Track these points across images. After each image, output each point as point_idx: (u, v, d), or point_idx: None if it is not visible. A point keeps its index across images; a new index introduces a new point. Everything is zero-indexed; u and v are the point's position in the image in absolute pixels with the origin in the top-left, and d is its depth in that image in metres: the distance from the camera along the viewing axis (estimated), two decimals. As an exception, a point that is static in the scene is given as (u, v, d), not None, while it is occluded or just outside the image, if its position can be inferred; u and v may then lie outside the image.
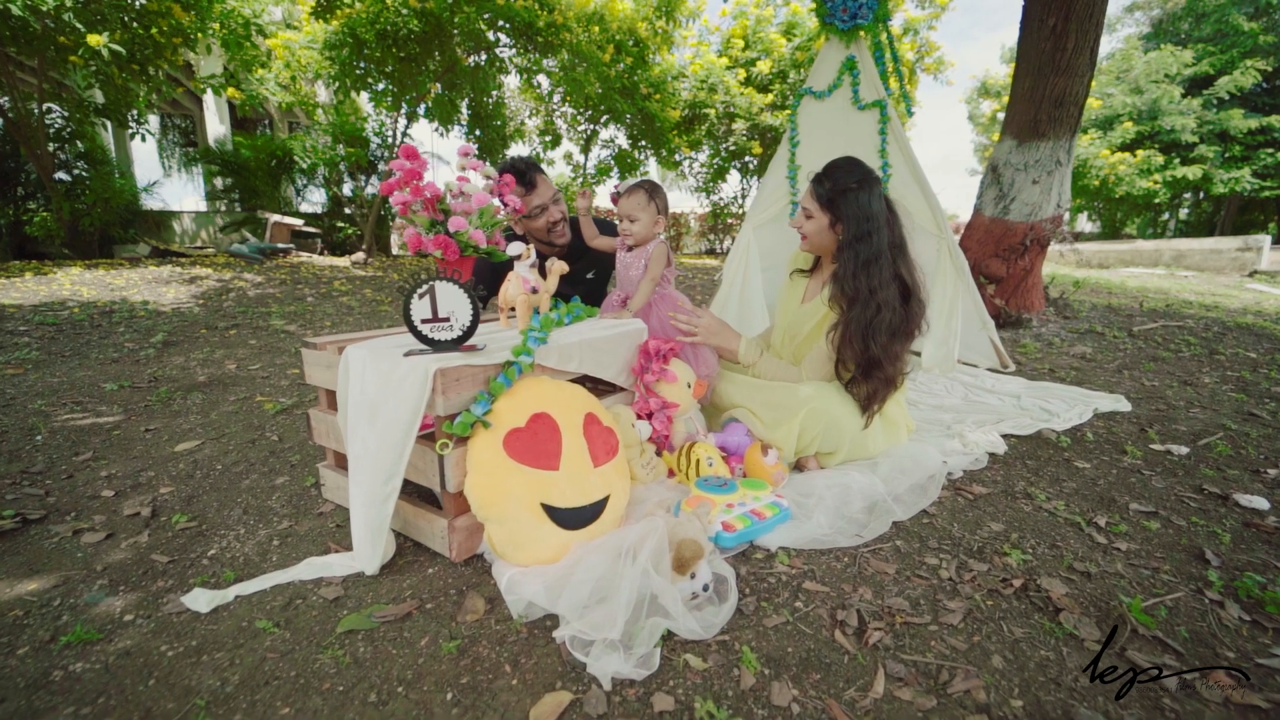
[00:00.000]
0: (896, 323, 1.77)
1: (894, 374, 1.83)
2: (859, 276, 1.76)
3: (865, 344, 1.76)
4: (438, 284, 1.28)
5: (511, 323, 1.78)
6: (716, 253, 13.73)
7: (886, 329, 1.75)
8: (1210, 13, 18.14)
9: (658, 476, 1.77)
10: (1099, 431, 2.40)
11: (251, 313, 5.33)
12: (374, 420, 1.28)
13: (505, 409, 1.31)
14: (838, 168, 1.85)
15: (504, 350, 1.39)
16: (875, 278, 1.75)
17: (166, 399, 2.81)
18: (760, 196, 3.43)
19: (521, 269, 1.74)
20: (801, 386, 1.81)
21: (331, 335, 1.50)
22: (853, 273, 1.76)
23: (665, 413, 1.76)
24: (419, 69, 9.48)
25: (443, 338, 1.31)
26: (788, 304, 2.12)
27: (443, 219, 1.71)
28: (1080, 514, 1.71)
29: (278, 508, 1.72)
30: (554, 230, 2.34)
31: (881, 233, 1.78)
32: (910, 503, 1.69)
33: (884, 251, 1.78)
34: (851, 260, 1.77)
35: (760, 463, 1.71)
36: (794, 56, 11.44)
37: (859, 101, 3.31)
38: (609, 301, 2.10)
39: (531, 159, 2.32)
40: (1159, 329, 4.85)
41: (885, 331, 1.75)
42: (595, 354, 1.68)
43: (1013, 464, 2.07)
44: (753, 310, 3.37)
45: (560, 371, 1.56)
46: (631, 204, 1.94)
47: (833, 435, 1.81)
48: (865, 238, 1.77)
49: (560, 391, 1.41)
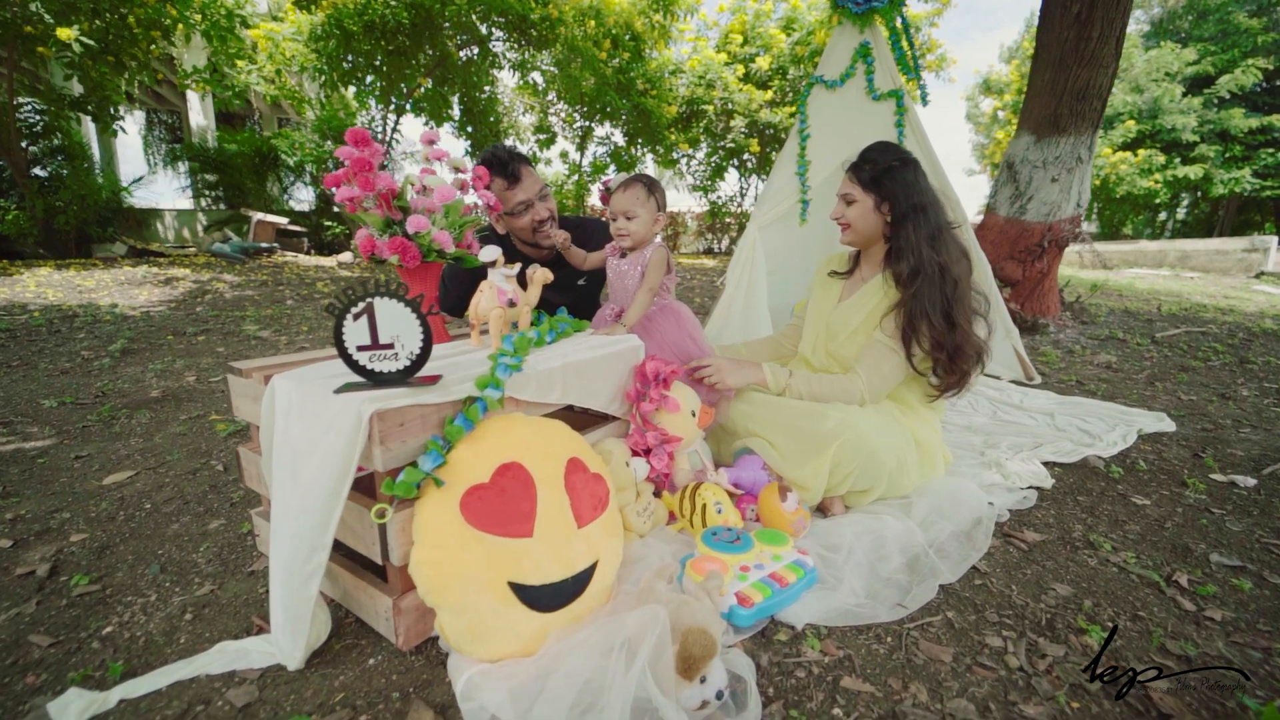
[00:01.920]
0: (973, 301, 1.65)
1: (980, 353, 1.65)
2: (922, 248, 1.59)
3: (949, 318, 1.58)
4: (378, 301, 1.00)
5: (486, 340, 1.51)
6: (714, 252, 13.46)
7: (966, 305, 1.61)
8: (1212, 11, 17.96)
9: (657, 524, 1.50)
10: (1149, 458, 2.14)
11: (225, 317, 5.04)
12: (296, 477, 1.01)
13: (465, 460, 1.04)
14: (875, 150, 1.72)
15: (466, 382, 1.12)
16: (943, 252, 1.61)
17: (108, 418, 2.52)
18: (767, 194, 3.16)
19: (496, 278, 1.47)
20: (830, 413, 1.54)
21: (265, 359, 1.23)
22: (915, 244, 1.60)
23: (666, 448, 1.49)
24: (409, 63, 9.19)
25: (386, 369, 1.04)
26: (821, 306, 1.89)
27: (400, 218, 1.44)
28: (1155, 569, 1.44)
29: (203, 564, 1.44)
30: (540, 230, 2.06)
31: (938, 207, 1.65)
32: (957, 557, 1.42)
33: (944, 225, 1.64)
34: (912, 232, 1.62)
35: (778, 510, 1.44)
36: (794, 52, 11.18)
37: (874, 91, 3.04)
38: (601, 315, 1.83)
39: (515, 148, 2.03)
40: (1182, 335, 4.60)
41: (966, 307, 1.60)
42: (582, 380, 1.40)
43: (1062, 500, 1.80)
44: (758, 317, 3.10)
45: (538, 405, 1.28)
46: (628, 199, 1.67)
47: (870, 472, 1.54)
48: (920, 211, 1.62)
49: (537, 433, 1.14)
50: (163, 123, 16.16)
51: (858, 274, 1.86)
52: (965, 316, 1.62)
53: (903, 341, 1.64)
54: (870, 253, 1.81)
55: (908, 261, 1.61)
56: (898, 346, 1.65)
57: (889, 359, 1.67)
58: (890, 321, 1.66)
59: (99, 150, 11.37)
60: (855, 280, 1.86)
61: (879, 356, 1.67)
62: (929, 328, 1.59)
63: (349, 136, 1.34)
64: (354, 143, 1.34)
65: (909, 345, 1.63)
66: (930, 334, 1.59)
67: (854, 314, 1.75)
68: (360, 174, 1.36)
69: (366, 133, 1.35)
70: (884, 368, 1.67)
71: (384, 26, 8.39)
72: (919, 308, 1.59)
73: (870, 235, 1.74)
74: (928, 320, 1.59)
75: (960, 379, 1.67)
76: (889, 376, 1.68)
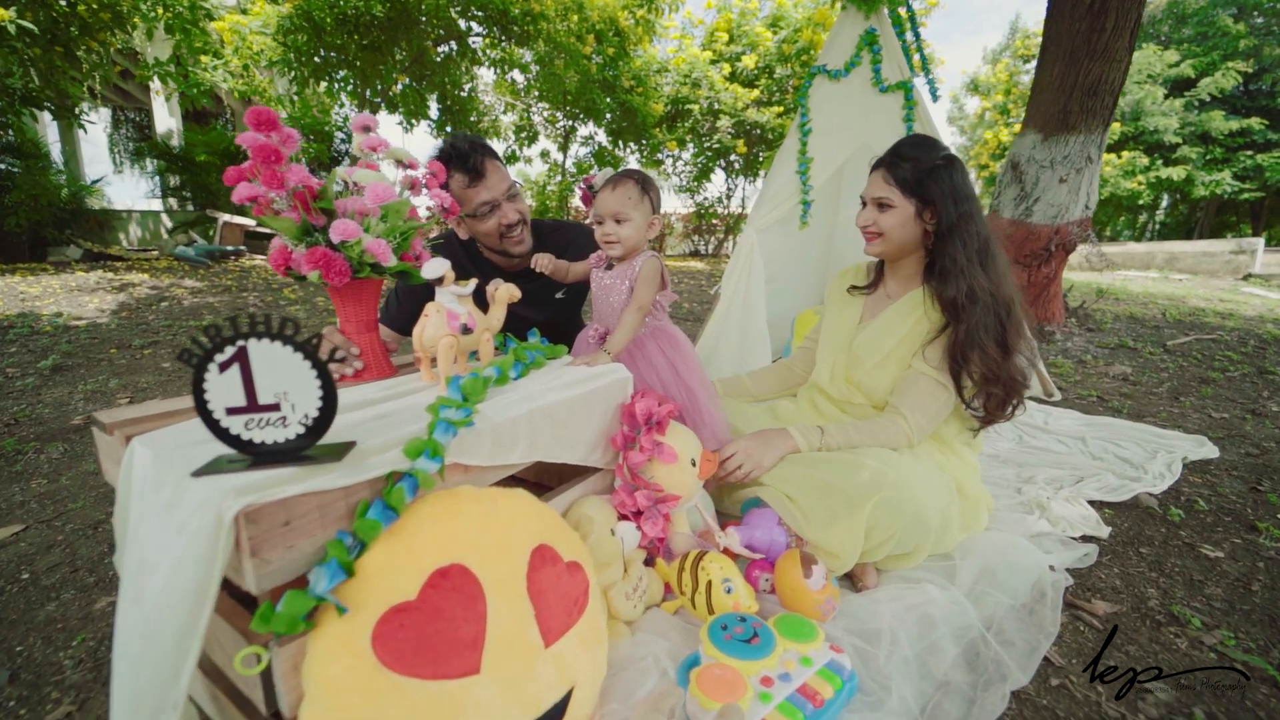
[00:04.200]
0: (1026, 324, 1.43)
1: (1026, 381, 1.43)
2: (974, 267, 1.35)
3: (1003, 345, 1.35)
4: (253, 345, 0.70)
5: (436, 377, 1.20)
6: (701, 254, 13.20)
7: (1020, 329, 1.38)
8: (1191, 15, 18.09)
9: (651, 602, 1.21)
10: (1204, 494, 1.89)
11: (178, 327, 4.67)
12: (140, 600, 0.71)
13: (382, 568, 0.74)
14: (913, 145, 1.45)
15: (393, 449, 0.82)
16: (992, 270, 1.37)
17: (12, 454, 2.17)
18: (764, 195, 2.88)
19: (445, 298, 1.17)
20: (863, 462, 1.25)
21: (145, 407, 0.92)
22: (965, 264, 1.35)
23: (661, 509, 1.20)
24: (384, 58, 8.82)
25: (269, 439, 0.74)
26: (839, 328, 1.60)
27: (324, 223, 1.13)
28: (1261, 653, 1.18)
29: (69, 667, 1.12)
30: (509, 236, 1.75)
31: (982, 216, 1.39)
32: (1023, 645, 1.15)
33: (991, 238, 1.40)
34: (960, 248, 1.36)
35: (801, 588, 1.15)
36: (781, 50, 10.96)
37: (880, 82, 2.78)
38: (583, 338, 1.54)
39: (478, 139, 1.72)
40: (1194, 343, 4.40)
41: (1020, 331, 1.38)
42: (555, 427, 1.11)
43: (1123, 554, 1.54)
44: (755, 329, 2.82)
45: (496, 468, 0.98)
46: (618, 199, 1.38)
47: (913, 534, 1.26)
48: (967, 221, 1.37)
49: (490, 515, 0.84)
50: (130, 120, 15.57)
51: (881, 290, 1.59)
52: (1018, 342, 1.36)
53: (951, 374, 1.38)
54: (900, 265, 1.53)
55: (958, 284, 1.34)
56: (946, 380, 1.39)
57: (937, 395, 1.40)
58: (935, 351, 1.39)
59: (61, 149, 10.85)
60: (879, 297, 1.58)
61: (925, 392, 1.40)
62: (982, 358, 1.33)
63: (249, 117, 1.03)
64: (256, 125, 1.04)
65: (959, 378, 1.37)
66: (983, 364, 1.34)
67: (883, 338, 1.48)
68: (266, 166, 1.05)
69: (273, 113, 1.05)
70: (931, 406, 1.40)
71: (356, 20, 8.03)
72: (971, 336, 1.33)
73: (905, 247, 1.46)
74: (981, 350, 1.33)
75: (1011, 411, 1.41)
76: (936, 415, 1.42)
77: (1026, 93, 15.87)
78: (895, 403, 1.43)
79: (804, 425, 1.45)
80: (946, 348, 1.38)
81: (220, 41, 8.57)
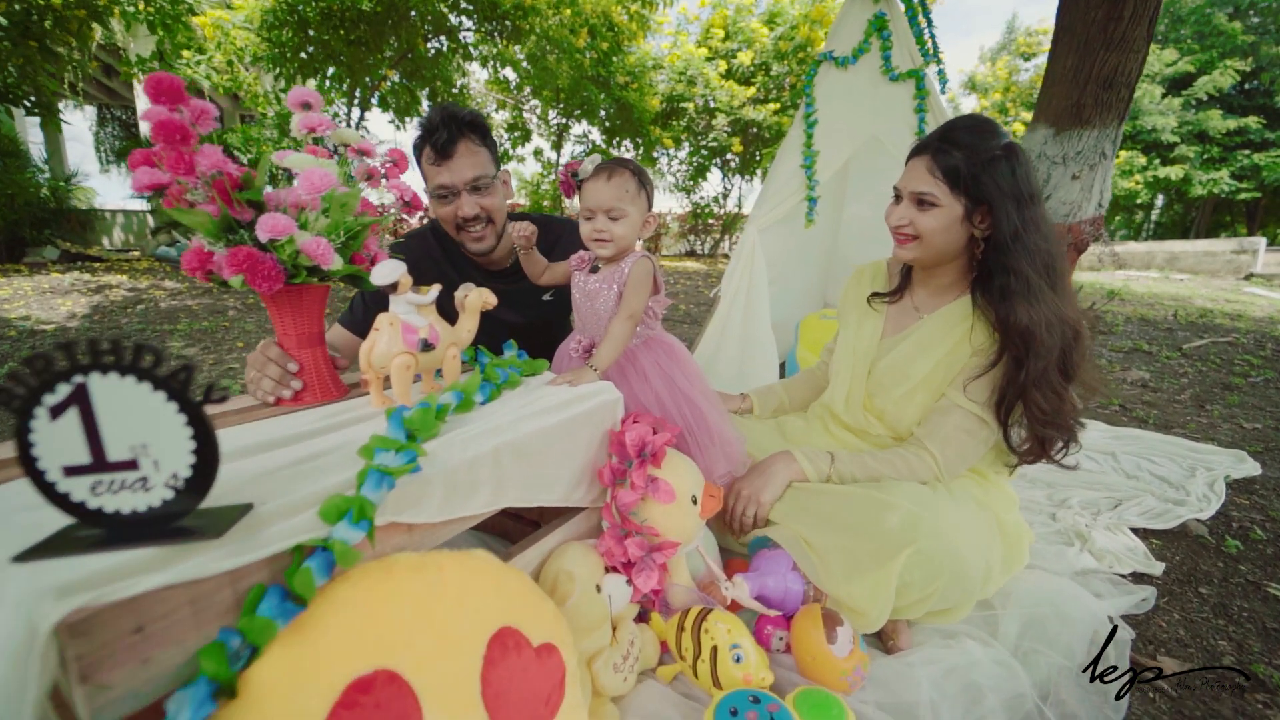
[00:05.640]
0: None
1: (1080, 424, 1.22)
2: (1044, 289, 1.10)
3: (1067, 378, 1.13)
4: (95, 381, 0.51)
5: (390, 401, 1.01)
6: (697, 254, 13.02)
7: (1086, 360, 1.16)
8: (1188, 15, 18.02)
9: (645, 665, 1.02)
10: (1260, 521, 1.72)
11: (151, 331, 4.46)
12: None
13: (277, 683, 0.54)
14: (969, 128, 1.17)
15: (304, 511, 0.63)
16: (1062, 287, 1.14)
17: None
18: (767, 192, 2.69)
19: (401, 308, 0.98)
20: (893, 502, 1.05)
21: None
22: (1035, 285, 1.10)
23: (656, 559, 1.01)
24: (372, 54, 8.61)
25: (127, 509, 0.54)
26: (856, 342, 1.38)
27: (250, 217, 0.94)
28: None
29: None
30: (466, 231, 1.54)
31: (1049, 221, 1.16)
32: (1088, 718, 0.96)
33: (1058, 250, 1.16)
34: (1026, 262, 1.11)
35: (825, 654, 0.97)
36: (777, 47, 10.80)
37: (890, 71, 2.60)
38: (564, 351, 1.35)
39: (466, 114, 1.49)
40: (1210, 346, 4.24)
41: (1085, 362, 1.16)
42: (528, 465, 0.91)
43: (1181, 594, 1.36)
44: (759, 334, 2.63)
45: (450, 524, 0.79)
46: (614, 190, 1.18)
47: (954, 589, 1.06)
48: (1033, 227, 1.12)
49: (434, 596, 0.65)
50: (116, 119, 15.28)
51: (907, 300, 1.36)
52: (1080, 374, 1.15)
53: (998, 415, 1.16)
54: (934, 274, 1.29)
55: (1031, 310, 1.09)
56: (990, 418, 1.17)
57: (975, 432, 1.18)
58: (982, 387, 1.17)
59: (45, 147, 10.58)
60: (904, 309, 1.36)
61: (960, 428, 1.18)
62: (1045, 398, 1.11)
63: (148, 86, 0.83)
64: (156, 95, 0.84)
65: (1007, 416, 1.16)
66: (1045, 405, 1.12)
67: (912, 363, 1.26)
68: (171, 147, 0.85)
69: (179, 81, 0.85)
70: (968, 445, 1.19)
71: (342, 14, 7.82)
72: (1034, 375, 1.10)
73: (945, 254, 1.22)
74: (1045, 389, 1.11)
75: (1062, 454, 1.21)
76: (971, 454, 1.21)
77: (1025, 91, 15.76)
78: (922, 437, 1.21)
79: (811, 449, 1.26)
80: (998, 384, 1.15)
81: (203, 37, 8.35)
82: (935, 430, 1.20)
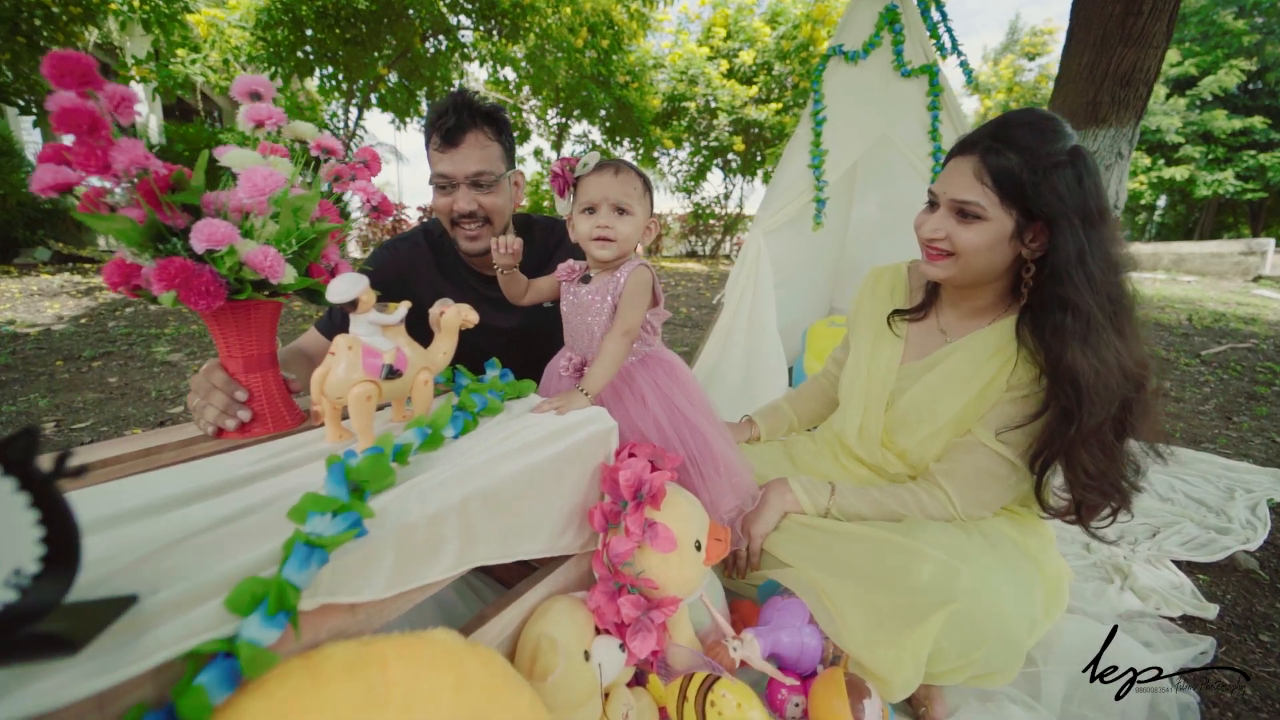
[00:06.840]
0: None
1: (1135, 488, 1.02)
2: (1102, 331, 0.92)
3: (1121, 435, 0.95)
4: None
5: (349, 435, 0.87)
6: (698, 255, 12.89)
7: (1149, 413, 0.97)
8: (1192, 15, 17.87)
9: (640, 738, 0.89)
10: (1307, 548, 1.58)
11: (137, 335, 4.34)
12: None
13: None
14: (1028, 125, 0.96)
15: (210, 600, 0.50)
16: (1129, 328, 0.95)
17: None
18: (773, 192, 2.56)
19: (362, 328, 0.85)
20: (924, 550, 0.90)
21: None
22: (1098, 324, 0.92)
23: (655, 618, 0.87)
24: (369, 53, 8.50)
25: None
26: (872, 369, 1.21)
27: (184, 223, 0.81)
28: None
29: None
30: (460, 227, 1.41)
31: (1121, 240, 0.98)
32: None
33: (1127, 282, 0.98)
34: (1089, 295, 0.92)
35: (851, 730, 0.83)
36: (779, 46, 10.67)
37: (903, 66, 2.47)
38: (552, 370, 1.22)
39: (481, 102, 1.35)
40: (1229, 353, 4.11)
41: (1148, 415, 0.96)
42: (504, 515, 0.78)
43: (1240, 643, 1.22)
44: (764, 341, 2.50)
45: (406, 595, 0.66)
46: (622, 185, 1.05)
47: (998, 654, 0.90)
48: (1099, 252, 0.93)
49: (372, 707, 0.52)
50: (113, 118, 15.18)
51: (933, 320, 1.19)
52: (1137, 427, 0.97)
53: (1033, 467, 1.01)
54: (969, 294, 1.11)
55: (1088, 355, 0.91)
56: (1021, 465, 1.02)
57: (1002, 477, 1.03)
58: (1020, 438, 1.01)
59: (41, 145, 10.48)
60: (929, 331, 1.18)
61: (984, 470, 1.03)
62: (1092, 457, 0.95)
63: (47, 66, 0.70)
64: (59, 78, 0.71)
65: (1044, 470, 1.00)
66: (1091, 465, 0.95)
67: (941, 400, 1.09)
68: (80, 139, 0.72)
69: (90, 61, 0.72)
70: (990, 490, 1.04)
71: (339, 13, 7.70)
72: (1085, 432, 0.93)
73: (985, 276, 1.03)
74: (1093, 448, 0.94)
75: (1109, 522, 1.05)
76: (992, 502, 1.05)
77: (1029, 92, 15.63)
78: (937, 474, 1.06)
79: (809, 479, 1.12)
80: (1038, 434, 0.99)
81: (199, 36, 8.24)
82: (955, 469, 1.05)
